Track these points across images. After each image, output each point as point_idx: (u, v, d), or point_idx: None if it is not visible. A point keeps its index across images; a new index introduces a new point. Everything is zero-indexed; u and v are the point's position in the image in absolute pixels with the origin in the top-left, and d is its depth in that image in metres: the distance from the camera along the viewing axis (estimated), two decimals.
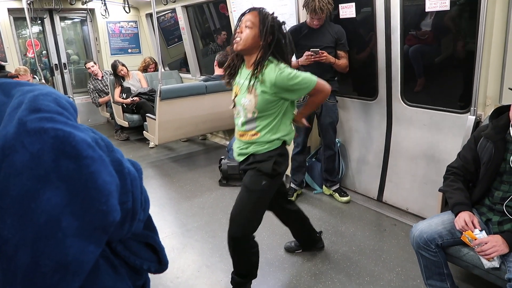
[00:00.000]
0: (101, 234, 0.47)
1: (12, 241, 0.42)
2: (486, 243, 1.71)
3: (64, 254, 0.43)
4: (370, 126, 3.35)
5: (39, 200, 0.43)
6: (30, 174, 0.43)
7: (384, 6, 2.89)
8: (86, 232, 0.45)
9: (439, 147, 2.82)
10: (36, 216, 0.42)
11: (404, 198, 3.14)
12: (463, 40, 2.68)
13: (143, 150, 5.28)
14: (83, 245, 0.45)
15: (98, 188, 0.46)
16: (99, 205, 0.46)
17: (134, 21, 6.73)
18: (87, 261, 0.45)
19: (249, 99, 1.92)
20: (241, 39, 1.90)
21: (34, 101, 0.48)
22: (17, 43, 5.93)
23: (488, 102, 2.41)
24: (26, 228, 0.42)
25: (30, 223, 0.42)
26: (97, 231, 0.47)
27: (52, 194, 0.44)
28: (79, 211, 0.45)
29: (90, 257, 0.46)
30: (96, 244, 0.47)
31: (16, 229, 0.42)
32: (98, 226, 0.47)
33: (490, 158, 1.86)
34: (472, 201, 1.93)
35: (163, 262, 0.67)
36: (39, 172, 0.44)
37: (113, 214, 0.48)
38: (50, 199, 0.43)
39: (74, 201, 0.45)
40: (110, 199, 0.47)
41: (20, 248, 0.42)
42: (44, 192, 0.43)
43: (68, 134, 0.46)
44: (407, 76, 2.97)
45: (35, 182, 0.43)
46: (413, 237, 1.93)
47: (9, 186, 0.43)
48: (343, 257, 2.60)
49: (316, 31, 3.08)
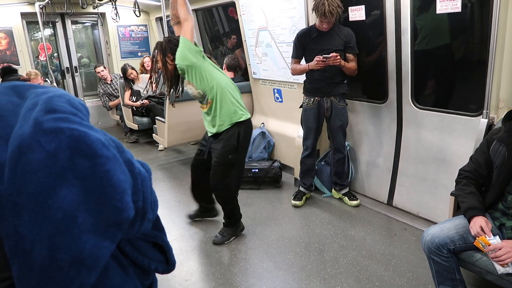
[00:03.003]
0: (116, 230, 0.49)
1: (29, 237, 0.43)
2: (500, 249, 1.68)
3: (80, 249, 0.45)
4: (380, 129, 3.32)
5: (56, 197, 0.44)
6: (47, 172, 0.44)
7: (394, 8, 2.87)
8: (101, 228, 0.47)
9: (450, 150, 2.78)
10: (52, 212, 0.44)
11: (414, 202, 3.10)
12: (475, 42, 2.65)
13: (152, 152, 5.32)
14: (98, 241, 0.46)
15: (112, 185, 0.48)
16: (114, 202, 0.48)
17: (144, 25, 6.81)
18: (102, 256, 0.47)
19: (190, 89, 2.68)
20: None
21: (49, 102, 0.50)
22: (30, 46, 6.03)
23: (501, 105, 2.37)
24: (43, 224, 0.43)
25: (47, 219, 0.44)
26: (112, 227, 0.48)
27: (68, 191, 0.45)
28: (94, 208, 0.46)
29: (105, 252, 0.47)
30: (110, 240, 0.48)
31: (33, 225, 0.43)
32: (112, 222, 0.48)
33: (503, 162, 1.83)
34: (485, 205, 1.90)
35: (170, 262, 0.69)
36: (56, 170, 0.45)
37: (127, 211, 0.49)
38: (66, 196, 0.45)
39: (90, 198, 0.46)
40: (124, 196, 0.49)
41: (37, 244, 0.43)
42: (60, 189, 0.44)
43: (84, 133, 0.47)
44: (417, 78, 2.94)
45: (51, 179, 0.44)
46: (424, 242, 1.90)
47: (26, 183, 0.44)
48: (353, 261, 2.57)
49: (325, 34, 3.07)
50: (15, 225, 0.43)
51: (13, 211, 0.44)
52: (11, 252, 0.44)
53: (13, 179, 0.44)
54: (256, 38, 4.18)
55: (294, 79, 3.77)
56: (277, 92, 4.18)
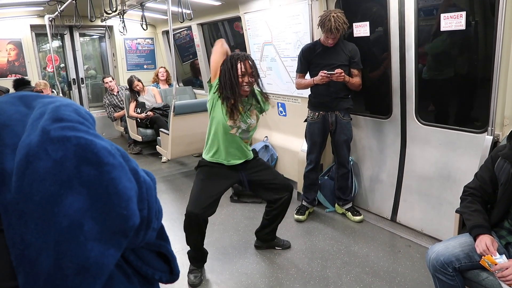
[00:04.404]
0: (121, 238, 0.48)
1: (35, 245, 0.43)
2: (507, 268, 1.65)
3: (85, 257, 0.44)
4: (384, 145, 3.31)
5: (62, 204, 0.44)
6: (53, 180, 0.45)
7: (398, 25, 2.90)
8: (106, 236, 0.47)
9: (455, 167, 2.77)
10: (59, 220, 0.44)
11: (418, 218, 3.07)
12: (480, 59, 2.66)
13: (156, 164, 5.32)
14: (104, 249, 0.46)
15: (118, 193, 0.48)
16: (120, 210, 0.48)
17: (151, 38, 6.90)
18: (107, 264, 0.46)
19: (254, 120, 2.58)
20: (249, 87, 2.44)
21: (56, 111, 0.51)
22: (38, 57, 6.12)
23: (506, 122, 2.37)
24: (49, 232, 0.43)
25: (53, 227, 0.44)
26: (117, 235, 0.48)
27: (74, 199, 0.45)
28: (100, 216, 0.46)
29: (110, 260, 0.47)
30: (116, 248, 0.48)
31: (39, 233, 0.43)
32: (118, 230, 0.48)
33: (508, 179, 1.81)
34: (490, 223, 1.88)
35: (174, 272, 0.68)
36: (62, 177, 0.45)
37: (133, 219, 0.49)
38: (72, 203, 0.45)
39: (96, 206, 0.46)
40: (130, 204, 0.49)
41: (43, 252, 0.43)
42: (66, 197, 0.45)
43: (90, 142, 0.48)
44: (421, 94, 2.95)
45: (57, 187, 0.45)
46: (429, 260, 1.87)
47: (32, 192, 0.44)
48: (356, 278, 2.54)
49: (330, 49, 3.10)
50: (21, 233, 0.43)
51: (19, 220, 0.44)
52: (17, 260, 0.44)
53: (20, 187, 0.44)
54: (261, 52, 4.22)
55: (298, 93, 3.79)
56: (281, 106, 4.19)
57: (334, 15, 2.89)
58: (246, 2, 4.18)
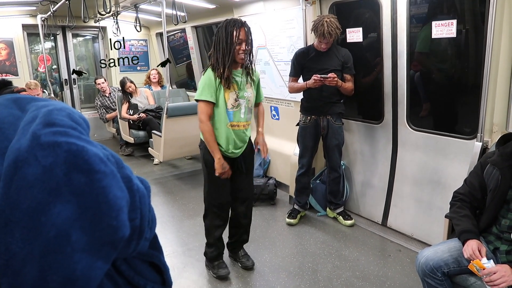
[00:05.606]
0: (110, 249, 0.46)
1: (20, 255, 0.41)
2: (495, 273, 1.67)
3: (72, 269, 0.42)
4: (375, 150, 3.34)
5: (50, 213, 0.42)
6: (42, 187, 0.43)
7: (391, 32, 2.93)
8: (95, 247, 0.45)
9: (445, 172, 2.80)
10: (45, 229, 0.42)
11: (409, 223, 3.09)
12: (470, 66, 2.70)
13: (147, 166, 5.29)
14: (92, 261, 0.44)
15: (109, 202, 0.46)
16: (109, 220, 0.46)
17: (144, 40, 6.87)
18: (94, 277, 0.44)
19: (250, 93, 2.44)
20: (245, 55, 2.33)
21: (48, 115, 0.49)
22: (29, 57, 6.05)
23: (495, 129, 2.40)
24: (35, 242, 0.41)
25: (39, 237, 0.42)
26: (106, 246, 0.46)
27: (63, 207, 0.43)
28: (89, 226, 0.44)
29: (97, 273, 0.45)
30: (104, 260, 0.46)
31: (24, 243, 0.41)
32: (107, 241, 0.46)
33: (496, 186, 1.84)
34: (479, 229, 1.90)
35: (167, 283, 0.66)
36: (51, 185, 0.43)
37: (122, 230, 0.47)
38: (60, 212, 0.43)
39: (85, 215, 0.44)
40: (121, 214, 0.47)
41: (28, 263, 0.41)
42: (54, 205, 0.43)
43: (81, 148, 0.46)
44: (413, 100, 2.98)
45: (46, 195, 0.43)
46: (418, 264, 1.89)
47: (20, 199, 0.42)
48: (346, 282, 2.54)
49: (323, 54, 3.12)
50: (6, 242, 0.41)
51: (5, 228, 0.42)
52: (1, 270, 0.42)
53: (7, 194, 0.43)
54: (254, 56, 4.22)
55: (291, 97, 3.80)
56: (274, 109, 4.21)
57: (327, 20, 2.92)
58: (241, 6, 4.19)
